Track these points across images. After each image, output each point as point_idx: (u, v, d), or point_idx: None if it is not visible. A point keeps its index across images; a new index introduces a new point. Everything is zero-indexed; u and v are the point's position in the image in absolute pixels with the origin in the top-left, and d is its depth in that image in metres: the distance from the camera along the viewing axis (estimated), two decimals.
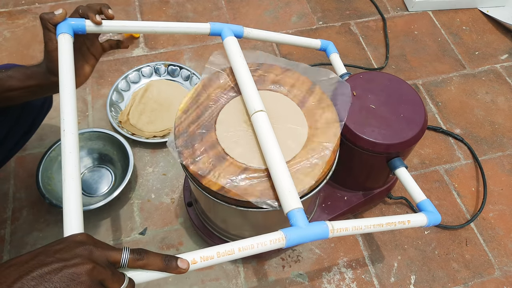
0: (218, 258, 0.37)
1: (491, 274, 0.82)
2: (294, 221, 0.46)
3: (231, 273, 0.79)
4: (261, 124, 0.53)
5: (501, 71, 1.14)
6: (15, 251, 0.80)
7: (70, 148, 0.42)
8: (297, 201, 0.47)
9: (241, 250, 0.38)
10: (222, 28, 0.64)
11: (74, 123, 0.44)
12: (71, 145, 0.43)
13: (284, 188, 0.48)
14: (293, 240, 0.43)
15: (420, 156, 0.97)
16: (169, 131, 0.95)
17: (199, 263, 0.36)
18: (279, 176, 0.49)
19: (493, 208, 0.90)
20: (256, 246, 0.39)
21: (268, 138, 0.52)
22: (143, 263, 0.37)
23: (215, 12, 1.22)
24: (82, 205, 0.41)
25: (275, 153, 0.50)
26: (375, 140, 0.66)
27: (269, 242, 0.41)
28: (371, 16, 1.25)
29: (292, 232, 0.44)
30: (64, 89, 0.46)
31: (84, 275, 0.33)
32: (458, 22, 1.25)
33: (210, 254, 0.36)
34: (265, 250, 0.41)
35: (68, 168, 0.42)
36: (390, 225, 0.52)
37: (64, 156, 0.42)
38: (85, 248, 0.35)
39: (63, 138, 0.43)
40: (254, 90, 0.56)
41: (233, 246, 0.38)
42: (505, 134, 1.02)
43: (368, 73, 0.75)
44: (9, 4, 1.20)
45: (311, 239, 0.45)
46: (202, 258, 0.36)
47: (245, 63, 0.59)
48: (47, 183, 0.83)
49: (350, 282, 0.79)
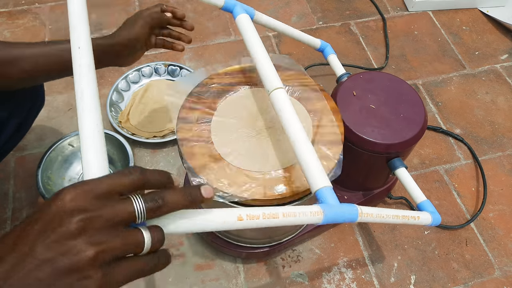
0: (263, 219, 0.35)
1: (491, 274, 0.82)
2: (324, 199, 0.43)
3: (231, 273, 0.79)
4: (281, 102, 0.50)
5: (501, 71, 1.14)
6: None
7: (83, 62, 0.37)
8: (325, 178, 0.45)
9: (285, 216, 0.36)
10: (235, 5, 0.63)
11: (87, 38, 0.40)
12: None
13: (312, 166, 0.45)
14: (329, 217, 0.41)
15: (420, 156, 0.97)
16: (169, 131, 0.95)
17: (245, 221, 0.33)
18: (305, 154, 0.46)
19: (493, 208, 0.90)
20: (298, 215, 0.37)
21: (290, 116, 0.49)
22: (165, 210, 0.29)
23: (215, 12, 1.22)
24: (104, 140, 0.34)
25: (299, 131, 0.48)
26: (375, 140, 0.66)
27: (309, 214, 0.38)
28: (371, 16, 1.25)
29: (327, 208, 0.41)
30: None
31: (93, 280, 0.25)
32: (458, 22, 1.25)
33: (256, 213, 0.34)
34: (304, 222, 0.38)
35: (84, 81, 0.36)
36: (405, 218, 0.52)
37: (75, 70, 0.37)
38: (80, 226, 0.25)
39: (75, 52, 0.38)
40: (271, 67, 0.54)
41: (277, 210, 0.35)
42: (505, 134, 1.02)
43: (368, 73, 0.75)
44: (9, 4, 1.20)
45: (343, 218, 0.42)
46: (248, 216, 0.33)
47: (259, 40, 0.57)
48: (47, 183, 0.83)
49: (350, 282, 0.79)
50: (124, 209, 0.27)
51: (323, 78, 1.09)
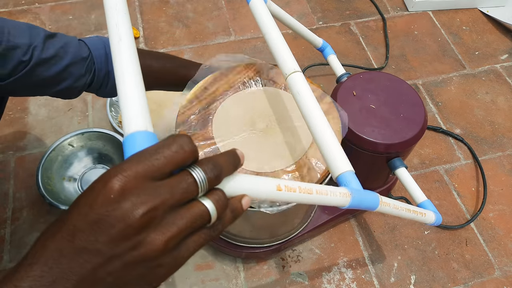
0: (299, 193, 0.34)
1: (491, 274, 0.82)
2: (348, 183, 0.42)
3: (231, 273, 0.79)
4: (299, 85, 0.49)
5: (501, 71, 1.14)
6: (15, 251, 0.80)
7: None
8: (348, 162, 0.44)
9: (318, 193, 0.35)
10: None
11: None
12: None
13: (334, 149, 0.44)
14: (355, 200, 0.40)
15: (420, 156, 0.97)
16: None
17: (283, 191, 0.32)
18: (325, 138, 0.45)
19: (493, 208, 0.90)
20: (329, 194, 0.37)
21: (308, 99, 0.48)
22: (223, 176, 0.27)
23: (215, 12, 1.22)
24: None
25: (318, 115, 0.47)
26: (375, 140, 0.66)
27: (339, 194, 0.38)
28: (371, 16, 1.25)
29: (354, 192, 0.40)
30: None
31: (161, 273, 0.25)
32: (458, 22, 1.25)
33: (293, 186, 0.33)
34: (332, 202, 0.38)
35: (123, 28, 0.33)
36: (415, 213, 0.53)
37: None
38: (145, 221, 0.23)
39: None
40: (288, 50, 0.52)
41: (312, 186, 0.35)
42: (505, 134, 1.02)
43: (368, 73, 0.75)
44: (9, 4, 1.20)
45: (366, 204, 0.41)
46: (286, 187, 0.32)
47: (275, 23, 0.55)
48: (47, 183, 0.82)
49: (350, 282, 0.79)
50: (187, 187, 0.25)
51: (323, 78, 1.09)
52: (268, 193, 0.32)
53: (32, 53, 0.52)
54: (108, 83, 0.63)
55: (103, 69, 0.61)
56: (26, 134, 0.95)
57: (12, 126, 0.96)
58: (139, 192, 0.23)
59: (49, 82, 0.56)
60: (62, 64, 0.55)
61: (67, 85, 0.58)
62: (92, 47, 0.60)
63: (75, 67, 0.57)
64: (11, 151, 0.92)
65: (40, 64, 0.53)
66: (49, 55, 0.54)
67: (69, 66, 0.56)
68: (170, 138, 0.25)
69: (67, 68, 0.56)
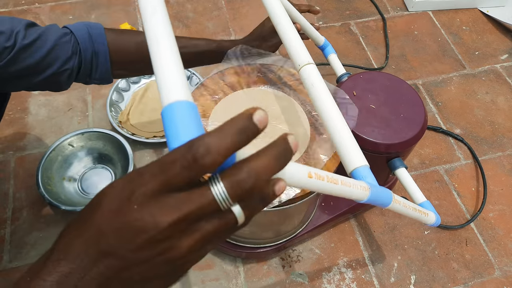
0: (327, 182, 0.33)
1: (491, 274, 0.82)
2: (364, 178, 0.41)
3: (231, 273, 0.79)
4: (312, 77, 0.47)
5: (501, 71, 1.14)
6: (15, 251, 0.80)
7: None
8: (363, 157, 0.43)
9: (343, 184, 0.35)
10: None
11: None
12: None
13: (349, 143, 0.43)
14: (373, 195, 0.39)
15: (420, 156, 0.97)
16: None
17: (313, 179, 0.31)
18: (341, 132, 0.44)
19: (493, 208, 0.90)
20: (352, 186, 0.36)
21: (322, 91, 0.47)
22: (259, 187, 0.24)
23: (215, 12, 1.22)
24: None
25: (332, 108, 0.45)
26: (375, 140, 0.66)
27: (360, 188, 0.37)
28: (371, 16, 1.25)
29: (372, 186, 0.39)
30: None
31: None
32: (458, 22, 1.25)
33: (322, 174, 0.32)
34: (353, 195, 0.37)
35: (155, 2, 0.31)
36: (420, 212, 0.53)
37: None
38: (169, 232, 0.23)
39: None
40: (300, 42, 0.51)
41: (337, 177, 0.34)
42: (505, 134, 1.02)
43: (368, 73, 0.75)
44: (9, 4, 1.20)
45: (381, 200, 0.41)
46: (316, 175, 0.32)
47: (287, 15, 0.53)
48: (47, 183, 0.83)
49: (350, 282, 0.79)
50: (207, 202, 0.23)
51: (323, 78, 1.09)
52: (300, 179, 0.30)
53: (15, 39, 0.53)
54: (97, 66, 0.63)
55: (89, 48, 0.61)
56: (26, 134, 0.95)
57: (12, 126, 0.96)
58: (163, 205, 0.23)
59: (35, 69, 0.56)
60: (46, 47, 0.56)
61: (54, 70, 0.58)
62: (73, 29, 0.60)
63: (60, 50, 0.58)
64: (11, 151, 0.92)
65: (24, 49, 0.54)
66: (31, 39, 0.54)
67: (53, 49, 0.57)
68: (200, 146, 0.22)
69: (52, 51, 0.57)
